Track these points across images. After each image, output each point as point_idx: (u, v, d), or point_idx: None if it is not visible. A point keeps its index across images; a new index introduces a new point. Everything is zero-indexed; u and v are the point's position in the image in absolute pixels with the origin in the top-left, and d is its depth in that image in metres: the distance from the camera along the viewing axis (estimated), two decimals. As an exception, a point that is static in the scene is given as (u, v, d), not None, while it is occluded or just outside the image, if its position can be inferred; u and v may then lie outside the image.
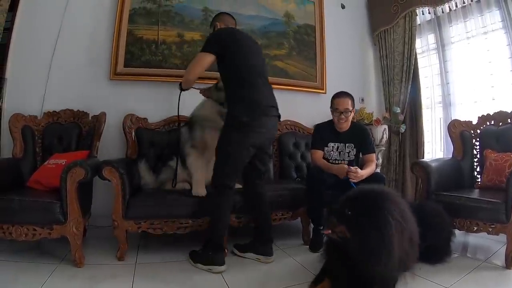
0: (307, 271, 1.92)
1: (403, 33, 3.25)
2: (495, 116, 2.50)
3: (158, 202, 2.15)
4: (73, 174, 1.90)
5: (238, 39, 2.09)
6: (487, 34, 2.75)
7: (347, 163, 2.43)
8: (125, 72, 2.74)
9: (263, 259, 2.12)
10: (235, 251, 2.23)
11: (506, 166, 2.15)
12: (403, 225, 1.45)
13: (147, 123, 2.72)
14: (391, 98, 3.37)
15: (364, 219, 1.45)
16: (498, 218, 1.91)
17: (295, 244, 2.44)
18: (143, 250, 2.22)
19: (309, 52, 3.33)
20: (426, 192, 2.31)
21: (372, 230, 1.42)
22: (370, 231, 1.43)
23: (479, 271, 1.88)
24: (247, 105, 1.96)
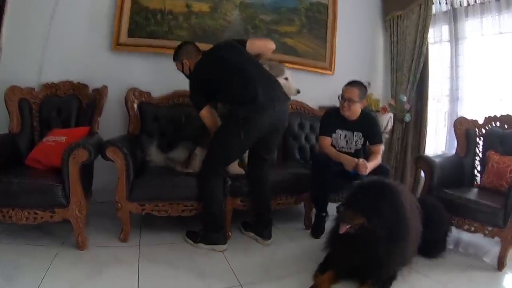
0: (309, 259, 1.96)
1: (417, 21, 3.14)
2: (502, 118, 2.51)
3: (163, 184, 2.13)
4: (76, 156, 1.83)
5: (218, 60, 2.06)
6: (502, 35, 2.69)
7: (354, 152, 2.44)
8: (129, 43, 2.58)
9: (260, 241, 2.20)
10: (241, 228, 2.34)
11: (507, 170, 2.20)
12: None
13: (150, 98, 2.61)
14: (398, 85, 3.33)
15: (382, 204, 1.58)
16: (495, 223, 1.97)
17: (296, 228, 2.50)
18: (146, 230, 2.22)
19: (320, 31, 3.21)
20: (428, 187, 2.36)
21: (391, 212, 1.57)
22: (390, 214, 1.57)
23: (472, 270, 1.98)
24: (244, 104, 1.94)
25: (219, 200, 2.10)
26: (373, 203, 1.60)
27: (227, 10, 2.83)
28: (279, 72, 2.36)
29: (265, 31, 2.96)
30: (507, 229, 1.93)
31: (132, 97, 2.51)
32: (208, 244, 2.05)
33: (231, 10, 2.84)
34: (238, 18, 2.87)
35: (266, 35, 2.95)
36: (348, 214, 1.63)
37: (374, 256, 1.61)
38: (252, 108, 1.93)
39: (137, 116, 2.53)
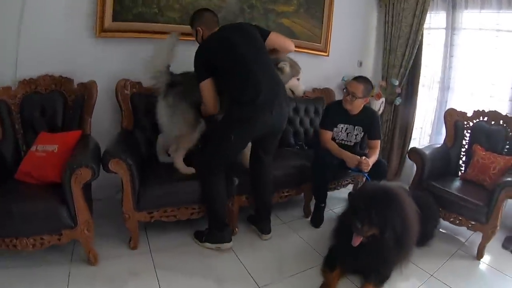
0: (314, 251, 2.18)
1: (415, 5, 3.06)
2: (490, 114, 2.65)
3: (170, 191, 2.08)
4: (78, 176, 1.70)
5: (224, 46, 1.94)
6: (499, 32, 2.70)
7: (353, 145, 2.55)
8: (114, 28, 2.28)
9: (259, 235, 2.31)
10: (247, 220, 2.42)
11: (491, 167, 2.39)
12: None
13: (141, 88, 2.41)
14: (390, 68, 3.33)
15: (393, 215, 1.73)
16: (479, 218, 2.20)
17: (296, 217, 2.64)
18: (152, 233, 2.21)
19: (316, 10, 3.06)
20: (419, 179, 2.53)
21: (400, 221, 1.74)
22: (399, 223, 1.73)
23: (455, 259, 2.22)
24: (241, 105, 1.92)
25: (221, 199, 2.11)
26: (385, 216, 1.72)
27: (222, -11, 2.56)
28: (295, 73, 2.33)
29: (262, 10, 2.76)
30: (488, 225, 2.16)
31: (123, 89, 2.31)
32: (213, 243, 2.11)
33: (226, -11, 2.58)
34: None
35: (263, 14, 2.77)
36: (364, 229, 1.73)
37: (381, 258, 1.81)
38: (249, 110, 1.91)
39: (130, 110, 2.35)
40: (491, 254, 2.25)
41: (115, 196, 2.34)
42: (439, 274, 2.04)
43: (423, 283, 1.96)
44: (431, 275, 2.02)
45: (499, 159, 2.39)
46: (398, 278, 1.92)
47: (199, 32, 2.06)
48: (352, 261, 1.89)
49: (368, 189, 1.92)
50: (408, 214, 1.81)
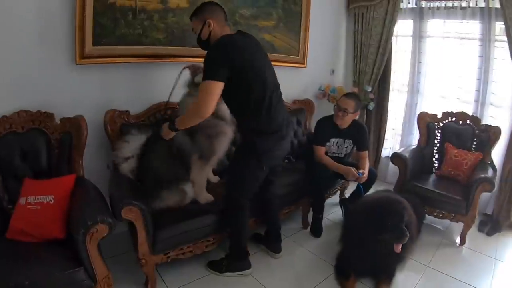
0: (323, 261, 2.30)
1: (384, 15, 3.24)
2: (457, 114, 2.96)
3: (186, 228, 1.96)
4: (94, 234, 1.51)
5: (247, 53, 1.75)
6: (462, 40, 3.01)
7: (343, 156, 2.70)
8: (96, 53, 2.01)
9: (271, 254, 2.33)
10: (254, 239, 2.41)
11: (463, 163, 2.71)
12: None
13: (129, 117, 2.21)
14: (362, 74, 3.51)
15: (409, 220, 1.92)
16: (459, 211, 2.50)
17: (296, 229, 2.71)
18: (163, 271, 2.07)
19: (294, 24, 3.08)
20: (402, 181, 2.76)
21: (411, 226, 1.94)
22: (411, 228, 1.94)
23: (442, 248, 2.51)
24: (267, 136, 1.86)
25: (246, 231, 2.12)
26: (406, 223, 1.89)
27: (206, 5, 2.42)
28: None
29: (245, 26, 2.68)
30: (468, 215, 2.47)
31: (112, 121, 2.10)
32: (235, 271, 2.09)
33: (211, 6, 2.45)
34: (218, 14, 2.51)
35: (246, 30, 2.69)
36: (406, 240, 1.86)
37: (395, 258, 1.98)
38: (275, 140, 1.90)
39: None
40: (470, 238, 2.57)
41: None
42: (433, 264, 2.31)
43: (423, 274, 2.19)
44: (427, 266, 2.27)
45: (469, 155, 2.72)
46: (400, 272, 2.09)
47: (209, 25, 1.77)
48: (365, 266, 2.03)
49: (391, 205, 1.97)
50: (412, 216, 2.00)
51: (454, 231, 2.72)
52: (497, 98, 2.96)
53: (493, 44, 2.86)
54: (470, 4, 2.90)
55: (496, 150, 2.83)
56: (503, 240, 2.66)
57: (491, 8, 2.83)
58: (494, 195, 2.87)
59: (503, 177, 2.78)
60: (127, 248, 2.13)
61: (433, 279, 2.15)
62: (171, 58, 2.32)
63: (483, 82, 2.96)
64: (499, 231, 2.75)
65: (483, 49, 2.89)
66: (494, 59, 2.89)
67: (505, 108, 2.90)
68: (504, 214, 2.77)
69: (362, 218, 1.99)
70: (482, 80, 2.96)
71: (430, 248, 2.49)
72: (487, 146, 2.74)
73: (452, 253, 2.48)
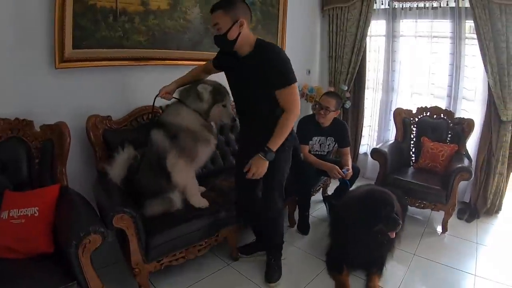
0: (314, 258, 2.33)
1: (358, 16, 3.34)
2: (431, 109, 3.10)
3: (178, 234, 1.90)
4: (87, 245, 1.45)
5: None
6: (434, 39, 3.14)
7: (326, 154, 2.77)
8: (76, 57, 1.94)
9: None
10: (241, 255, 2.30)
11: (440, 155, 2.83)
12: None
13: (112, 122, 2.14)
14: (337, 74, 3.59)
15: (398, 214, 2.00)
16: (440, 200, 2.62)
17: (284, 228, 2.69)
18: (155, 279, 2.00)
19: (272, 26, 3.12)
20: (383, 175, 2.84)
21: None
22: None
23: (426, 237, 2.62)
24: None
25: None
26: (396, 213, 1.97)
27: (187, 8, 2.40)
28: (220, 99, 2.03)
29: (225, 29, 2.69)
30: (449, 204, 2.60)
31: (95, 127, 2.02)
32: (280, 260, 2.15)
33: (191, 8, 2.43)
34: (198, 17, 2.49)
35: None
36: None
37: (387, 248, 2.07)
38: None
39: (105, 149, 2.06)
40: (451, 225, 2.70)
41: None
42: (419, 252, 2.40)
43: (411, 262, 2.28)
44: (414, 254, 2.37)
45: (445, 147, 2.85)
46: (390, 262, 2.17)
47: (240, 25, 1.62)
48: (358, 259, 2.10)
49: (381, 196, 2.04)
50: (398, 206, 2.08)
51: (435, 220, 2.85)
52: (469, 92, 3.12)
53: (464, 41, 3.03)
54: (441, 4, 3.06)
55: (470, 141, 2.98)
56: (482, 226, 2.82)
57: (461, 7, 2.99)
58: (470, 184, 3.04)
59: (478, 166, 2.94)
60: (116, 259, 2.07)
61: (421, 266, 2.24)
62: (152, 61, 2.29)
63: (455, 78, 3.12)
64: (478, 217, 2.91)
65: (454, 47, 3.05)
66: (465, 56, 3.05)
67: (477, 102, 3.07)
68: (481, 202, 2.94)
69: (353, 212, 2.03)
70: (454, 76, 3.12)
71: (415, 237, 2.59)
72: (461, 138, 2.89)
73: (435, 240, 2.60)
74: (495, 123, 2.83)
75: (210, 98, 1.94)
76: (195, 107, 1.96)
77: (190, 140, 1.94)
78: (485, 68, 2.78)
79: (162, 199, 1.92)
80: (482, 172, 2.93)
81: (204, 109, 1.95)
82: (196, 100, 1.94)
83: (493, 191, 2.92)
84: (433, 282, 2.08)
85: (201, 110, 1.95)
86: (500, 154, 2.83)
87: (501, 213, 3.01)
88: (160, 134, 1.92)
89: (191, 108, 1.96)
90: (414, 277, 2.12)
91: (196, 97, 1.94)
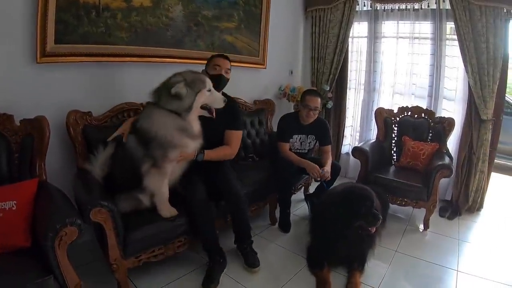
0: (295, 255, 2.32)
1: (340, 18, 3.40)
2: (413, 109, 3.15)
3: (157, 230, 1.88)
4: (63, 238, 1.43)
5: None
6: (415, 40, 3.21)
7: (307, 152, 2.78)
8: (58, 52, 1.94)
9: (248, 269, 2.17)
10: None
11: (421, 153, 2.88)
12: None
13: (92, 118, 2.12)
14: (320, 75, 3.64)
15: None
16: (421, 197, 2.65)
17: (265, 226, 2.74)
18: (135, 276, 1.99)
19: (255, 26, 3.16)
20: (365, 173, 2.87)
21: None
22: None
23: (408, 234, 2.65)
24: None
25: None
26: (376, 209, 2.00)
27: (169, 5, 2.42)
28: (200, 86, 1.89)
29: (208, 28, 2.73)
30: (430, 201, 2.63)
31: (75, 122, 2.01)
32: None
33: (174, 6, 2.45)
34: (180, 15, 2.51)
35: (208, 32, 2.76)
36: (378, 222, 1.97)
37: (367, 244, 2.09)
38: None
39: (84, 145, 2.05)
40: (433, 223, 2.74)
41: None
42: (401, 248, 2.43)
43: (392, 258, 2.30)
44: (396, 251, 2.38)
45: (426, 146, 2.90)
46: (372, 259, 2.18)
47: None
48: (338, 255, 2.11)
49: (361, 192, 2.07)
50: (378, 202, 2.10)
51: (417, 218, 2.88)
52: (449, 92, 3.19)
53: (444, 42, 3.10)
54: (422, 6, 3.12)
55: (452, 140, 3.04)
56: (464, 223, 2.87)
57: (442, 9, 3.06)
58: (452, 182, 3.08)
59: (459, 164, 2.99)
60: (96, 257, 2.03)
61: (403, 262, 2.26)
62: (134, 58, 2.29)
63: (435, 78, 3.18)
64: (459, 215, 2.95)
65: (435, 48, 3.11)
66: (446, 57, 3.12)
67: (457, 101, 3.14)
68: (462, 199, 2.99)
69: (334, 209, 2.05)
70: (435, 76, 3.18)
71: (396, 235, 2.62)
72: (442, 137, 2.94)
73: (417, 238, 2.63)
74: (476, 122, 2.89)
75: (189, 91, 1.82)
76: (172, 108, 1.83)
77: (160, 149, 1.83)
78: (465, 68, 2.84)
79: (132, 197, 1.89)
80: (463, 170, 2.98)
81: (185, 107, 1.83)
82: (173, 100, 1.82)
83: (474, 189, 2.97)
84: (415, 278, 2.10)
85: (181, 109, 1.83)
86: (481, 152, 2.89)
87: (482, 210, 3.07)
88: (133, 139, 1.87)
89: (166, 109, 1.83)
90: (396, 273, 2.13)
91: (172, 97, 1.81)
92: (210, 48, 2.77)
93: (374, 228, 1.98)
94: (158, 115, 1.83)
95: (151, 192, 1.92)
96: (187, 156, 1.95)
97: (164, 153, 1.83)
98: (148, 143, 1.83)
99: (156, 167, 1.86)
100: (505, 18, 2.70)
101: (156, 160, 1.84)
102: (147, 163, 1.85)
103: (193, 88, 1.84)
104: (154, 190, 1.90)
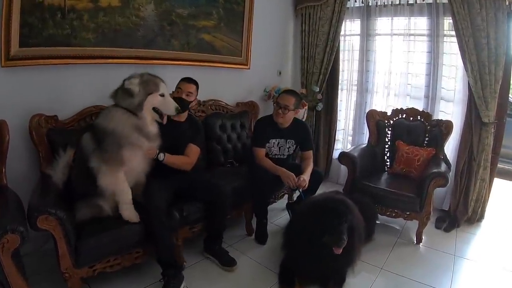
0: (267, 270, 2.14)
1: (331, 15, 3.25)
2: (407, 111, 2.93)
3: (111, 238, 1.79)
4: (5, 245, 1.38)
5: None
6: (411, 37, 3.02)
7: (286, 157, 2.59)
8: (23, 55, 1.92)
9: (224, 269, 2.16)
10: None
11: (415, 159, 2.67)
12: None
13: (58, 122, 2.08)
14: (309, 75, 3.49)
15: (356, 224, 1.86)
16: (413, 208, 2.43)
17: (240, 237, 2.57)
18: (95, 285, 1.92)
19: (237, 24, 3.05)
20: (352, 181, 2.67)
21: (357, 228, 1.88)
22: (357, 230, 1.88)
23: (398, 248, 2.43)
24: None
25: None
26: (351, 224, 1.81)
27: (140, 4, 2.35)
28: (153, 88, 1.89)
29: (182, 26, 2.64)
30: (423, 213, 2.41)
31: (38, 126, 1.97)
32: None
33: (145, 5, 2.38)
34: (152, 14, 2.44)
35: (183, 31, 2.67)
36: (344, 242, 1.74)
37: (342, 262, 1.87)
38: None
39: (49, 149, 2.01)
40: (427, 235, 2.52)
41: (43, 247, 2.07)
42: (388, 265, 2.21)
43: (377, 277, 2.09)
44: (381, 268, 2.17)
45: (421, 151, 2.68)
46: (352, 278, 1.98)
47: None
48: (311, 272, 1.93)
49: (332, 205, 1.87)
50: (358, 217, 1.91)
51: (410, 230, 2.65)
52: (448, 92, 2.97)
53: (442, 39, 2.89)
54: (417, 0, 2.92)
55: (450, 145, 2.82)
56: (462, 236, 2.62)
57: (439, 3, 2.86)
58: (450, 190, 2.84)
59: (458, 171, 2.75)
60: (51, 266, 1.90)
61: (388, 282, 2.05)
62: (101, 60, 2.23)
63: (433, 77, 2.97)
64: (458, 226, 2.72)
65: (432, 45, 2.90)
66: (444, 54, 2.91)
67: (456, 102, 2.92)
68: (461, 209, 2.75)
69: (305, 221, 1.88)
70: (432, 75, 2.97)
71: (385, 248, 2.40)
72: (439, 141, 2.72)
73: (408, 252, 2.40)
74: (476, 125, 2.66)
75: (141, 90, 1.83)
76: (125, 105, 1.83)
77: (114, 144, 1.79)
78: (464, 66, 2.63)
79: (91, 204, 1.82)
80: (462, 177, 2.74)
81: (135, 105, 1.82)
82: (125, 96, 1.82)
83: (474, 198, 2.73)
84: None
85: (132, 106, 1.82)
86: (482, 159, 2.65)
87: (483, 221, 2.82)
88: (88, 137, 1.82)
89: (122, 106, 1.83)
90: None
91: (125, 93, 1.81)
92: (186, 48, 2.68)
93: (339, 249, 1.75)
94: (115, 112, 1.84)
95: (111, 197, 1.84)
96: (149, 154, 1.94)
97: (118, 150, 1.79)
98: (103, 139, 1.78)
99: (107, 165, 1.79)
100: (507, 11, 2.45)
101: (109, 155, 1.78)
102: (97, 157, 1.78)
103: (146, 89, 1.85)
104: (110, 189, 1.83)
